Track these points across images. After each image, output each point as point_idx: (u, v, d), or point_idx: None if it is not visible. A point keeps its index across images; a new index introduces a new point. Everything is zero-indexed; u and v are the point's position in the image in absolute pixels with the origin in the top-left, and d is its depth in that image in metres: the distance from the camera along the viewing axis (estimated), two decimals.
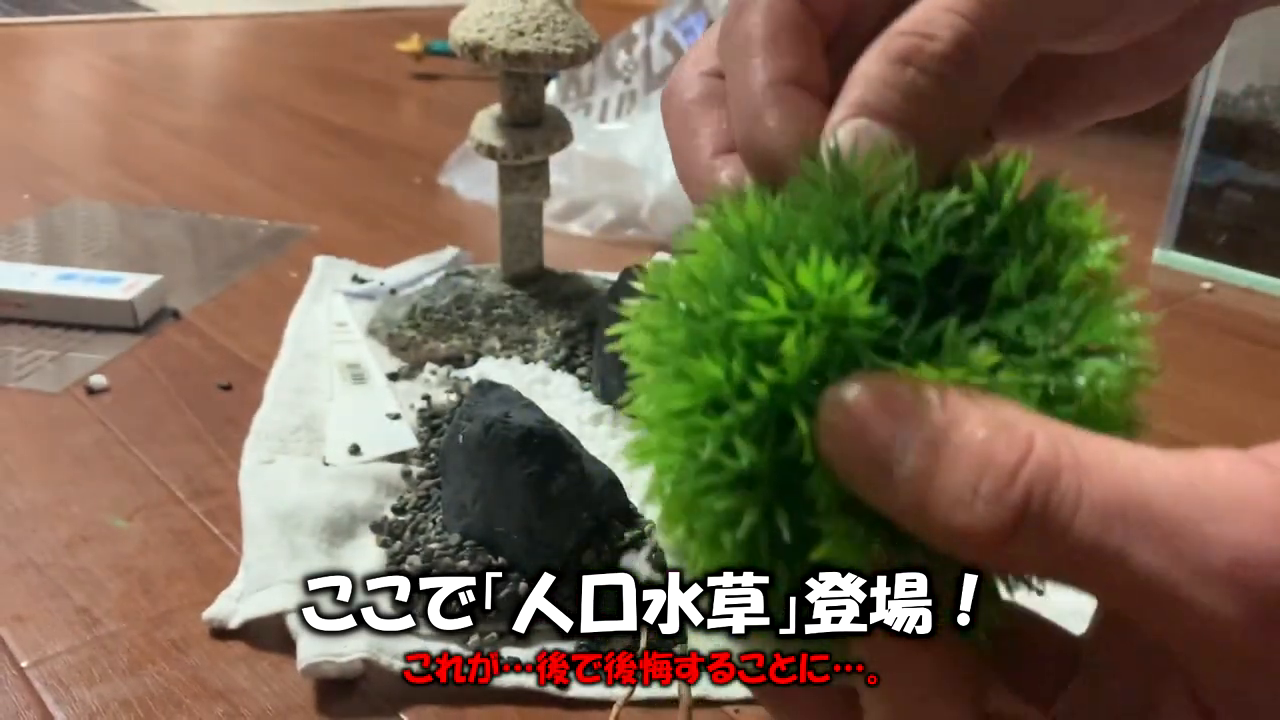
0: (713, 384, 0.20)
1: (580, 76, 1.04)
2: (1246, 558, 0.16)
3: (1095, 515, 0.17)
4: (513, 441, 0.48)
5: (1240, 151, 0.89)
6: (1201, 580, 0.17)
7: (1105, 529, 0.17)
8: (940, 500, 0.18)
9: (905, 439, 0.18)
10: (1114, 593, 0.18)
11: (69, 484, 0.58)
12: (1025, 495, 0.17)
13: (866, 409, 0.19)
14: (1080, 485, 0.17)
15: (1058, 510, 0.17)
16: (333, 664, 0.44)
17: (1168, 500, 0.17)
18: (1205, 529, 0.17)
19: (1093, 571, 0.17)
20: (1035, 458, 0.18)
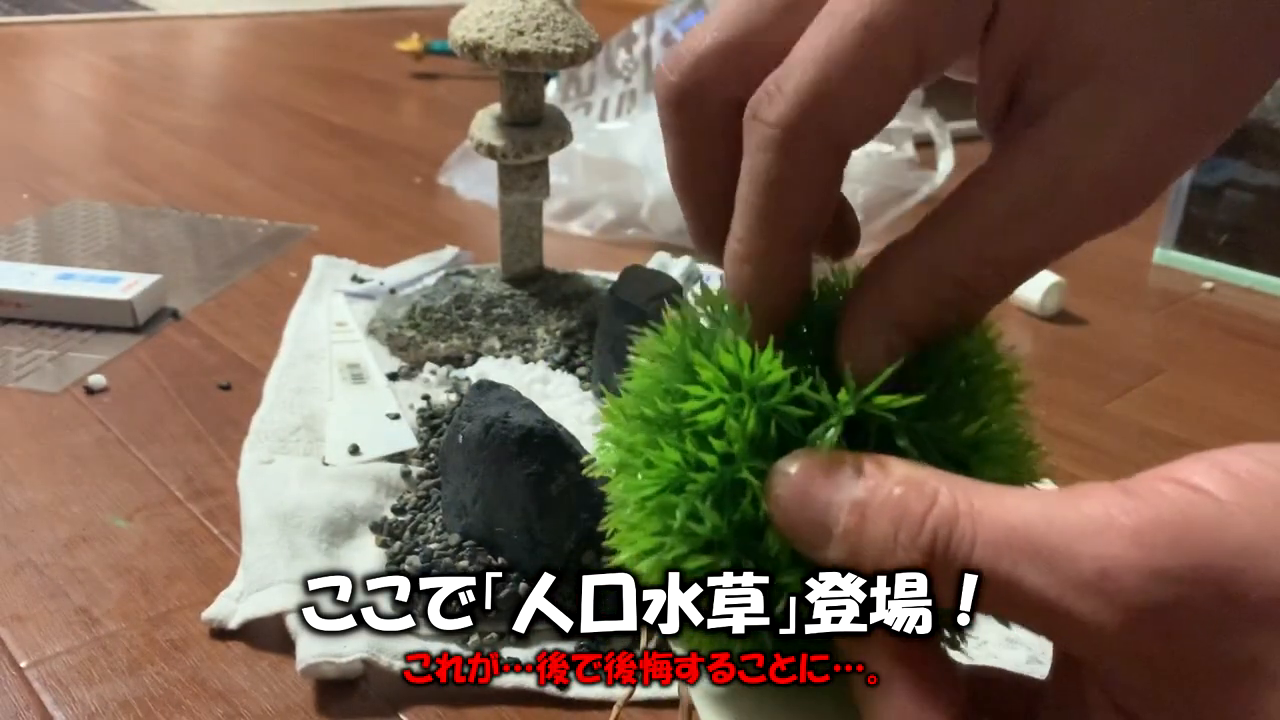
0: (673, 466, 0.24)
1: (580, 76, 1.04)
2: (1109, 568, 0.20)
3: (988, 550, 0.21)
4: (513, 441, 0.48)
5: (1241, 151, 0.89)
6: (1078, 593, 0.20)
7: (997, 559, 0.21)
8: (869, 550, 0.22)
9: (839, 503, 0.22)
10: (1016, 614, 0.21)
11: (68, 484, 0.58)
12: (931, 539, 0.21)
13: (803, 482, 0.23)
14: (975, 526, 0.21)
15: (957, 548, 0.21)
16: (332, 664, 0.44)
17: (1045, 529, 0.20)
18: (1075, 548, 0.20)
19: (992, 597, 0.21)
20: (939, 507, 0.21)
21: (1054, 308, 0.83)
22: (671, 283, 0.64)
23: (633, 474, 0.25)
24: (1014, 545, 0.20)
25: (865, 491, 0.22)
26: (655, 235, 0.94)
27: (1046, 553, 0.20)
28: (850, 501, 0.22)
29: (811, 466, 0.23)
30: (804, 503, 0.23)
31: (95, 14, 1.86)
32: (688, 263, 0.83)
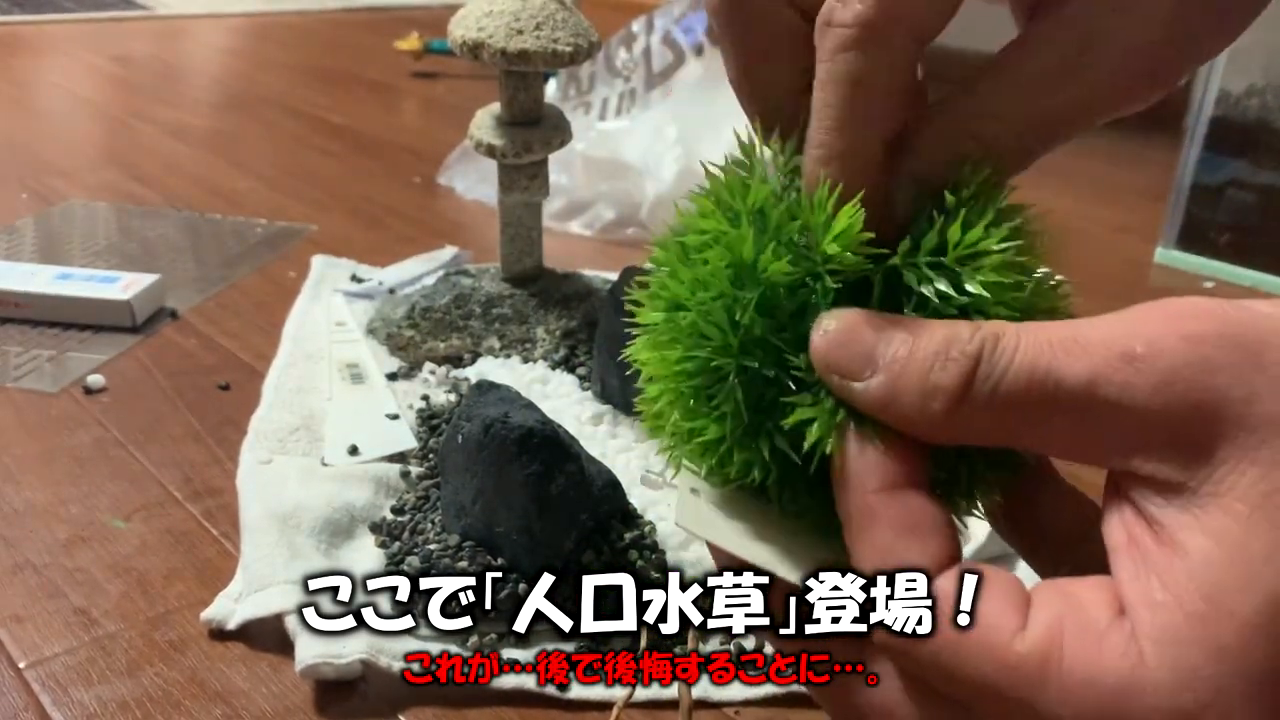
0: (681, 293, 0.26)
1: (580, 75, 1.04)
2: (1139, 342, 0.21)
3: (1031, 349, 0.22)
4: (512, 441, 0.48)
5: (1242, 151, 0.89)
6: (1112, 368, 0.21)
7: (1037, 356, 0.22)
8: (917, 370, 0.23)
9: (889, 336, 0.23)
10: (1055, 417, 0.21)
11: (67, 484, 0.58)
12: (979, 345, 0.22)
13: (852, 323, 0.24)
14: (1019, 335, 0.22)
15: (1004, 352, 0.22)
16: (331, 665, 0.44)
17: (1083, 329, 0.22)
18: (1110, 334, 0.21)
19: (1034, 400, 0.21)
20: (985, 328, 0.23)
21: None
22: None
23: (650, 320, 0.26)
24: (1054, 344, 0.22)
25: (915, 327, 0.23)
26: (655, 234, 0.93)
27: (1083, 340, 0.21)
28: (900, 334, 0.23)
29: (861, 313, 0.24)
30: (852, 338, 0.23)
31: (94, 13, 1.86)
32: None
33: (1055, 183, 1.21)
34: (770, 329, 0.24)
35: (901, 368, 0.23)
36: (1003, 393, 0.22)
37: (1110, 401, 0.21)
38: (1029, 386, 0.21)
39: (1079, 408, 0.21)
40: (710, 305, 0.25)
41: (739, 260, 0.24)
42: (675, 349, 0.25)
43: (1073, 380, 0.21)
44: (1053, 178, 1.18)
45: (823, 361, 0.24)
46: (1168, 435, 0.21)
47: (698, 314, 0.25)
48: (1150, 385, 0.20)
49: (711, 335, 0.24)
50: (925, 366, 0.22)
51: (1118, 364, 0.21)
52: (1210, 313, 0.21)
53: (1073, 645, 0.21)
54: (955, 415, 0.22)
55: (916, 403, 0.22)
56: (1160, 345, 0.21)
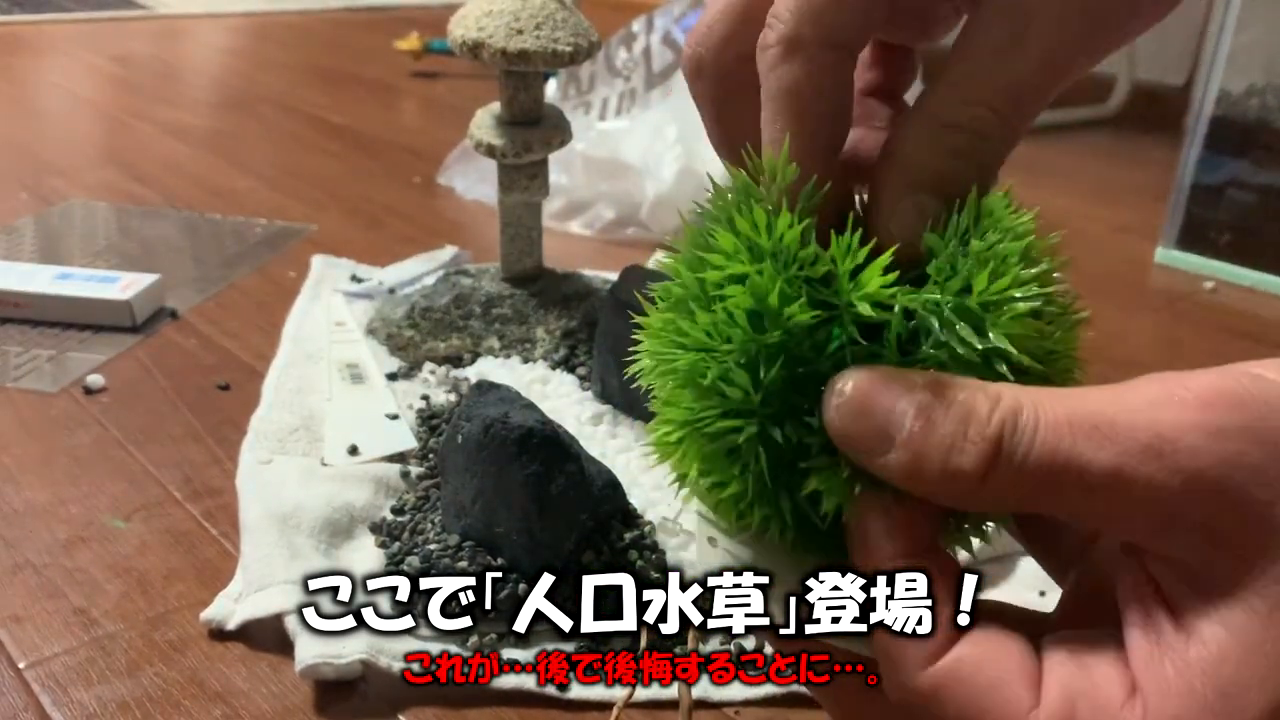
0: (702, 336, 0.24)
1: (580, 75, 1.04)
2: (1168, 432, 0.21)
3: (1051, 431, 0.21)
4: (512, 442, 0.48)
5: (1243, 150, 0.89)
6: (1137, 460, 0.21)
7: (1058, 440, 0.21)
8: (935, 451, 0.22)
9: (903, 409, 0.23)
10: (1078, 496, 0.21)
11: (67, 484, 0.58)
12: (999, 428, 0.22)
13: (865, 390, 0.23)
14: (1038, 413, 0.22)
15: (1024, 433, 0.22)
16: (331, 665, 0.44)
17: (1106, 408, 0.21)
18: (1135, 419, 0.21)
19: (1057, 482, 0.21)
20: (1003, 403, 0.22)
21: None
22: None
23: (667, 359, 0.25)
24: (1075, 425, 0.21)
25: (931, 396, 0.22)
26: (655, 235, 0.93)
27: (1106, 427, 0.21)
28: (916, 406, 0.22)
29: (873, 377, 0.23)
30: (865, 410, 0.23)
31: (94, 13, 1.86)
32: None
33: (1055, 183, 1.21)
34: (790, 379, 0.24)
35: (919, 447, 0.22)
36: (1025, 476, 0.22)
37: (1135, 495, 0.21)
38: (1051, 472, 0.21)
39: (1103, 495, 0.21)
40: (731, 358, 0.24)
41: (763, 305, 0.24)
42: (693, 398, 0.25)
43: (1097, 470, 0.21)
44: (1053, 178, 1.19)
45: (838, 436, 0.23)
46: (1192, 526, 0.21)
47: (718, 369, 0.24)
48: (1178, 482, 0.20)
49: (733, 394, 0.24)
50: (944, 447, 0.22)
51: (1143, 457, 0.21)
52: (1236, 400, 0.21)
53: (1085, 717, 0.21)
54: (977, 495, 0.22)
55: (938, 484, 0.22)
56: (1187, 441, 0.20)
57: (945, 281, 0.24)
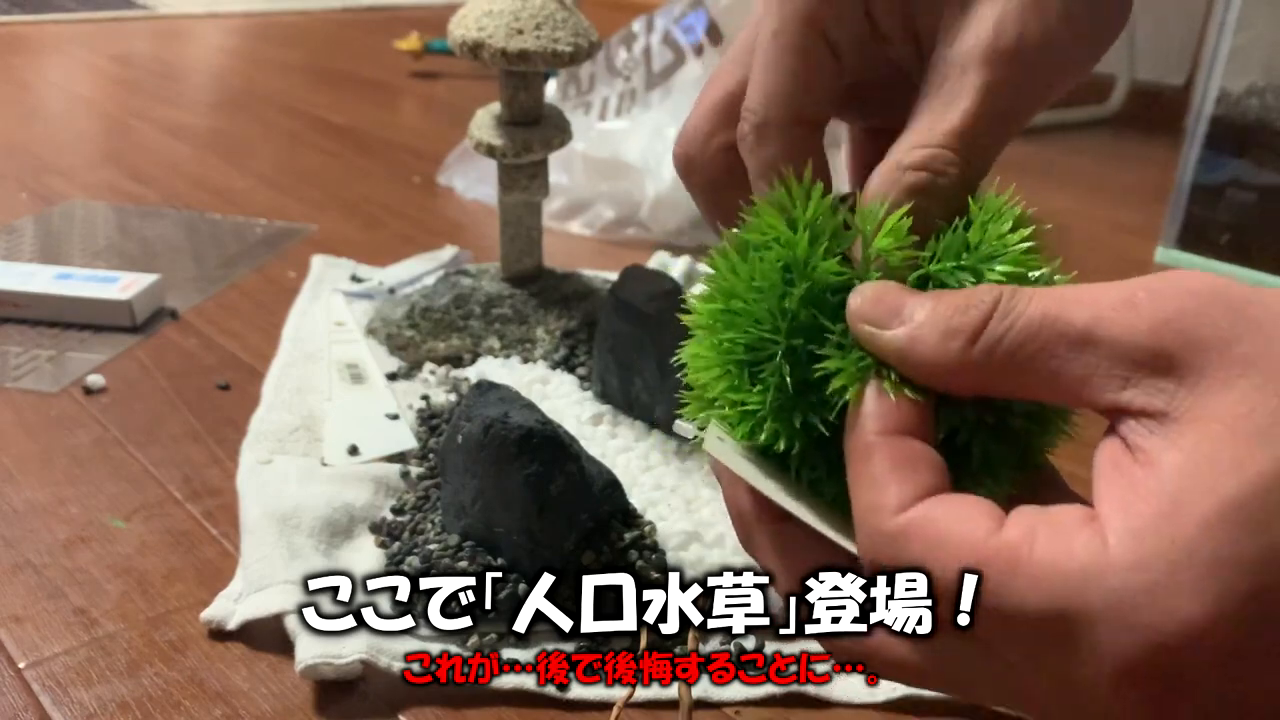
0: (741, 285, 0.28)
1: (580, 75, 1.04)
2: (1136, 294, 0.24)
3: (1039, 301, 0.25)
4: (512, 442, 0.48)
5: (1242, 150, 0.89)
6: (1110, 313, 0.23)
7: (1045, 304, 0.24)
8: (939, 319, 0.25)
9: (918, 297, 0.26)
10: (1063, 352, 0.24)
11: (67, 484, 0.58)
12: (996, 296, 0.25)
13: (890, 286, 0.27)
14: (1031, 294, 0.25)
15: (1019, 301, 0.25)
16: (331, 665, 0.44)
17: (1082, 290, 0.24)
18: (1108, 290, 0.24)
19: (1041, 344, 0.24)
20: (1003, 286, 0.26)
21: None
22: (671, 283, 0.64)
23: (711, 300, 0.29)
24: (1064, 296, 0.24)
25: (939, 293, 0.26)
26: (655, 235, 0.93)
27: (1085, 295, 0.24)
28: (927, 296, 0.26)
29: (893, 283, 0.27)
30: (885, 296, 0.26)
31: (94, 13, 1.86)
32: (688, 262, 0.83)
33: (1055, 183, 1.21)
34: (815, 317, 0.27)
35: (926, 317, 0.25)
36: (1016, 332, 0.24)
37: (1110, 338, 0.23)
38: (1040, 328, 0.24)
39: (1083, 343, 0.24)
40: (764, 294, 0.27)
41: (794, 258, 0.27)
42: (728, 333, 0.28)
43: (1079, 321, 0.24)
44: (1053, 178, 1.19)
45: (856, 314, 0.27)
46: (1159, 367, 0.23)
47: (752, 303, 0.27)
48: (1147, 324, 0.23)
49: (763, 319, 0.27)
50: (947, 314, 0.25)
51: (1121, 307, 0.23)
52: (1206, 276, 0.24)
53: (1043, 540, 0.23)
54: (971, 355, 0.25)
55: (937, 344, 0.25)
56: (1161, 294, 0.23)
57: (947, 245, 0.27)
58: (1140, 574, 0.21)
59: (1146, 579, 0.21)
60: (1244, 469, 0.21)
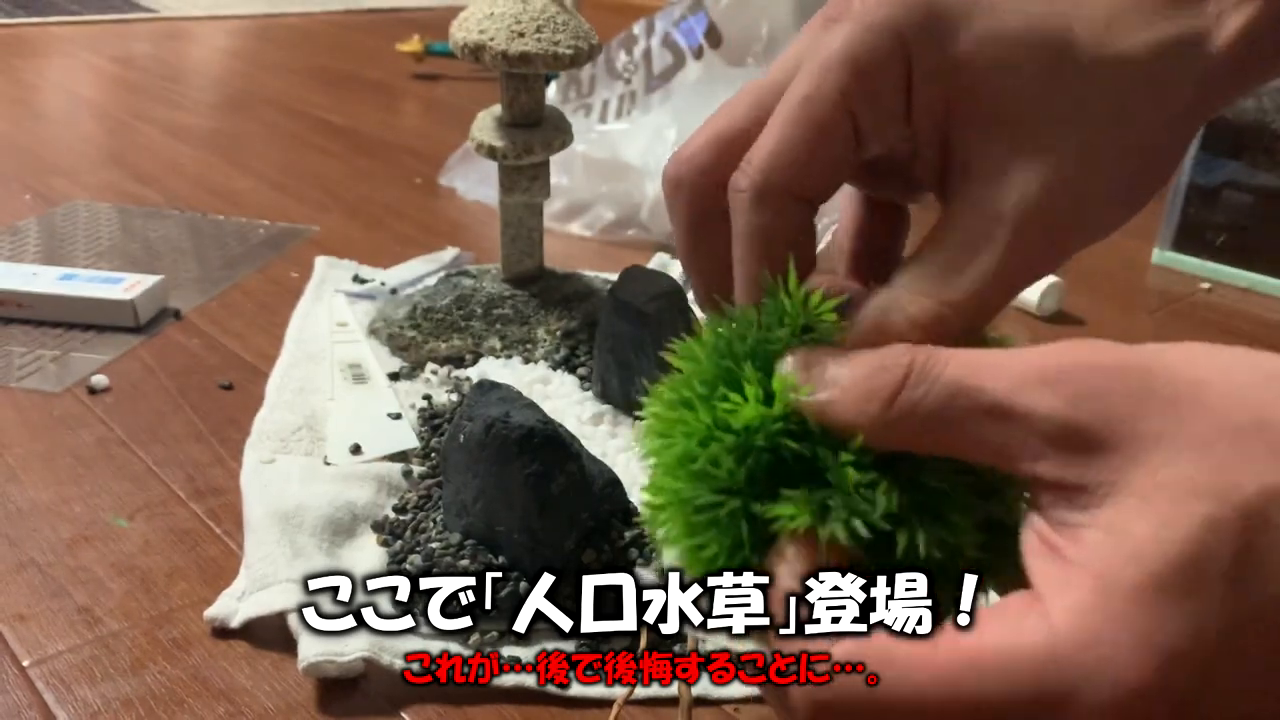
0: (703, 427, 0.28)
1: (580, 77, 1.04)
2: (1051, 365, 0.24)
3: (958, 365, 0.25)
4: (513, 441, 0.48)
5: (1239, 152, 0.89)
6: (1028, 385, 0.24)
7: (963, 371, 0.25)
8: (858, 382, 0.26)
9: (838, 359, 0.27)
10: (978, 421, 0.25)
11: (70, 483, 0.58)
12: (910, 360, 0.26)
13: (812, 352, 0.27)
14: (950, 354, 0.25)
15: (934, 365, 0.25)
16: (333, 663, 0.44)
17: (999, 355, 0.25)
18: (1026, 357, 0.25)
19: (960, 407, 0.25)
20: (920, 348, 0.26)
21: (1052, 308, 0.83)
22: (671, 283, 0.64)
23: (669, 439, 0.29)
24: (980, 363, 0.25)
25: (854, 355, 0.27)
26: (655, 235, 0.94)
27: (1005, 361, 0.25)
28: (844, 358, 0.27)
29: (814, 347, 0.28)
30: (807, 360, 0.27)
31: (97, 15, 1.86)
32: None
33: None
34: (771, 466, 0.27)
35: (845, 380, 0.26)
36: (931, 398, 0.25)
37: (1025, 412, 0.24)
38: (955, 395, 0.25)
39: (999, 415, 0.24)
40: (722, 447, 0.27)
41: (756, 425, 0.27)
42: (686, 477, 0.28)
43: (993, 392, 0.24)
44: None
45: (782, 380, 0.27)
46: (1073, 444, 0.24)
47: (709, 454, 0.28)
48: (1060, 400, 0.24)
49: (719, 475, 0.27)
50: (864, 375, 0.26)
51: (1034, 383, 0.24)
52: (1113, 350, 0.24)
53: (992, 631, 0.24)
54: (888, 416, 0.26)
55: (855, 406, 0.26)
56: (1070, 372, 0.24)
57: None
58: (1089, 653, 0.22)
59: (1094, 657, 0.22)
60: (1161, 539, 0.22)
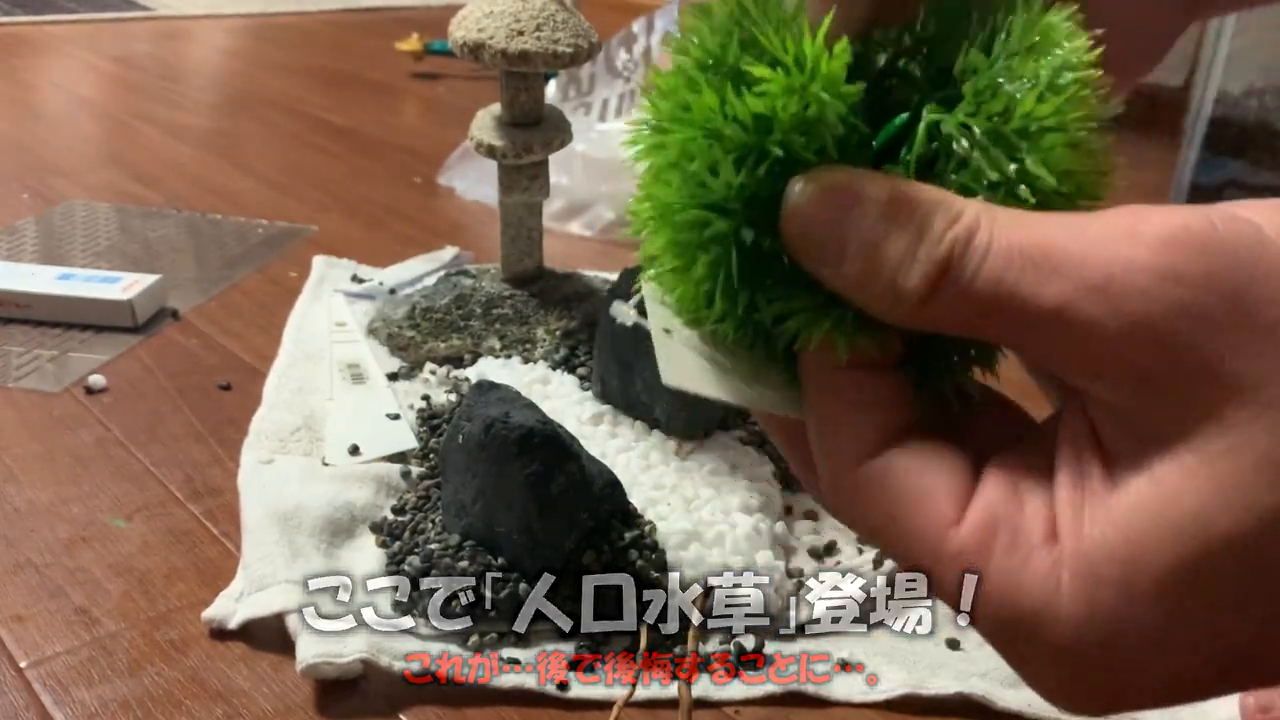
0: (709, 112, 0.22)
1: (580, 76, 1.04)
2: (1118, 271, 0.19)
3: (999, 258, 0.20)
4: (513, 441, 0.48)
5: (1241, 151, 0.89)
6: (1082, 296, 0.19)
7: (1005, 267, 0.20)
8: (886, 264, 0.21)
9: (857, 221, 0.21)
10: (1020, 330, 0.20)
11: (68, 484, 0.58)
12: (949, 249, 0.20)
13: (825, 194, 0.22)
14: (991, 237, 0.20)
15: (973, 257, 0.20)
16: (332, 664, 0.44)
17: (1062, 238, 0.20)
18: (1088, 253, 0.19)
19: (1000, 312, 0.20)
20: (962, 221, 0.21)
21: None
22: None
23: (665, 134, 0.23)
24: (1026, 253, 0.20)
25: (887, 210, 0.21)
26: None
27: (1058, 257, 0.20)
28: (870, 219, 0.21)
29: (834, 180, 0.22)
30: (820, 218, 0.22)
31: (95, 14, 1.86)
32: None
33: None
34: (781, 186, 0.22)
35: (868, 262, 0.21)
36: (969, 302, 0.20)
37: (1077, 333, 0.20)
38: (995, 300, 0.20)
39: (1044, 329, 0.20)
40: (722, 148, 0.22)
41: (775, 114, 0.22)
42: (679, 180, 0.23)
43: (1038, 305, 0.20)
44: None
45: (792, 246, 0.22)
46: (1132, 373, 0.19)
47: (707, 157, 0.22)
48: (1121, 325, 0.19)
49: (715, 187, 0.22)
50: (893, 266, 0.21)
51: (1088, 295, 0.19)
52: (1201, 242, 0.19)
53: (999, 559, 0.21)
54: (920, 315, 0.21)
55: (883, 302, 0.21)
56: (1137, 282, 0.19)
57: (983, 104, 0.22)
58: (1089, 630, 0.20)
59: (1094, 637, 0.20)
60: (1208, 524, 0.19)
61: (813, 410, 0.23)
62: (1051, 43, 0.22)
